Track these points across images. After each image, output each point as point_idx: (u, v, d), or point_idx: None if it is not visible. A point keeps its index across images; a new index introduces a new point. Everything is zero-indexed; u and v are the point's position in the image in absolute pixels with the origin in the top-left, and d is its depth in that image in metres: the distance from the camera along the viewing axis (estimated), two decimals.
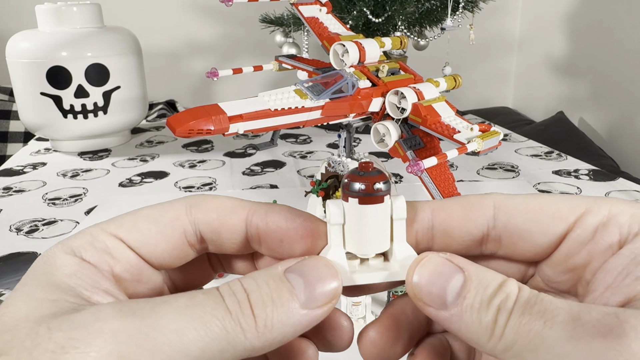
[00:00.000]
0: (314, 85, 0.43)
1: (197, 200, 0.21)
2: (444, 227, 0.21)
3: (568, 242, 0.20)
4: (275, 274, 0.18)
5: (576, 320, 0.16)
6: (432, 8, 0.96)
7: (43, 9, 0.92)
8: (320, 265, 0.19)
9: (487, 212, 0.21)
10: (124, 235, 0.20)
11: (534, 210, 0.20)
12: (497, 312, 0.17)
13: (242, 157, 0.93)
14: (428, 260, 0.19)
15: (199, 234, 0.21)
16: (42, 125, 0.93)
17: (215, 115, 0.37)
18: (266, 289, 0.17)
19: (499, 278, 0.18)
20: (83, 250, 0.19)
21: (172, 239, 0.20)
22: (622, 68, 1.27)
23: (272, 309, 0.17)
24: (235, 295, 0.17)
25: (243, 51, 1.54)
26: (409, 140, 0.46)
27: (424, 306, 0.18)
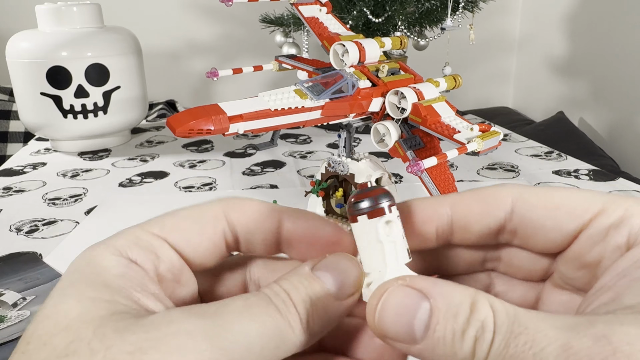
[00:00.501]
0: (314, 85, 0.43)
1: (234, 202, 0.22)
2: (463, 222, 0.21)
3: (581, 240, 0.20)
4: (306, 273, 0.19)
5: (567, 350, 0.15)
6: (432, 8, 0.96)
7: (43, 9, 0.92)
8: (342, 259, 0.20)
9: (505, 205, 0.21)
10: (167, 235, 0.20)
11: (550, 206, 0.20)
12: (474, 343, 0.16)
13: (242, 157, 0.92)
14: (389, 294, 0.17)
15: (235, 235, 0.22)
16: (42, 125, 0.93)
17: (215, 115, 0.37)
18: (302, 288, 0.19)
19: (468, 299, 0.17)
20: (129, 250, 0.19)
21: (213, 238, 0.21)
22: (622, 68, 1.27)
23: (310, 305, 0.18)
24: (279, 295, 0.18)
25: (243, 51, 1.54)
26: (409, 140, 0.46)
27: (392, 342, 0.17)
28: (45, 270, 0.53)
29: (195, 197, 0.74)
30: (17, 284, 0.51)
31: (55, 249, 0.58)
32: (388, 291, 0.18)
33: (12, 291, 0.49)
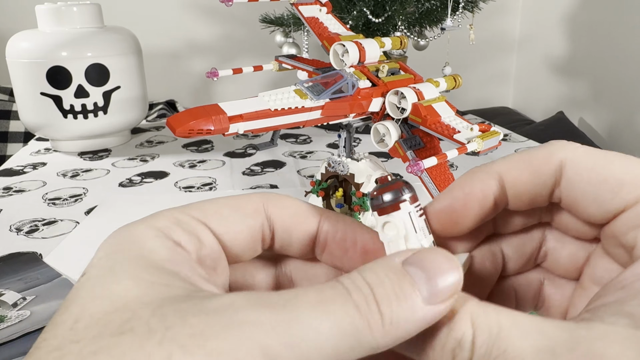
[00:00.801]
0: (314, 85, 0.43)
1: (274, 197, 0.21)
2: (513, 191, 0.21)
3: (619, 221, 0.19)
4: (395, 267, 0.17)
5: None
6: (432, 8, 0.96)
7: (43, 9, 0.92)
8: (440, 257, 0.17)
9: (554, 171, 0.20)
10: (209, 220, 0.19)
11: (597, 179, 0.19)
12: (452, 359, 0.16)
13: (242, 157, 0.93)
14: None
15: (272, 229, 0.21)
16: (42, 125, 0.93)
17: (215, 115, 0.37)
18: (389, 284, 0.16)
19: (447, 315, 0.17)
20: (172, 232, 0.18)
21: (252, 229, 0.20)
22: (622, 68, 1.27)
23: (397, 305, 0.16)
24: (361, 290, 0.16)
25: (243, 51, 1.54)
26: (409, 140, 0.46)
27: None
28: (45, 270, 0.53)
29: (195, 197, 0.74)
30: (17, 284, 0.51)
31: (55, 249, 0.58)
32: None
33: (12, 291, 0.49)
